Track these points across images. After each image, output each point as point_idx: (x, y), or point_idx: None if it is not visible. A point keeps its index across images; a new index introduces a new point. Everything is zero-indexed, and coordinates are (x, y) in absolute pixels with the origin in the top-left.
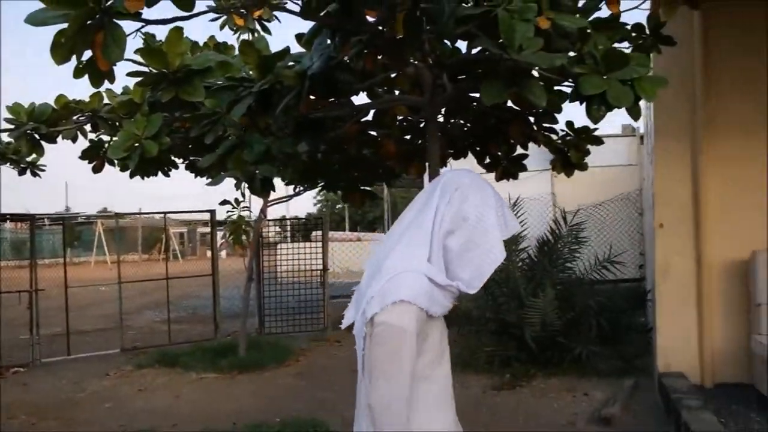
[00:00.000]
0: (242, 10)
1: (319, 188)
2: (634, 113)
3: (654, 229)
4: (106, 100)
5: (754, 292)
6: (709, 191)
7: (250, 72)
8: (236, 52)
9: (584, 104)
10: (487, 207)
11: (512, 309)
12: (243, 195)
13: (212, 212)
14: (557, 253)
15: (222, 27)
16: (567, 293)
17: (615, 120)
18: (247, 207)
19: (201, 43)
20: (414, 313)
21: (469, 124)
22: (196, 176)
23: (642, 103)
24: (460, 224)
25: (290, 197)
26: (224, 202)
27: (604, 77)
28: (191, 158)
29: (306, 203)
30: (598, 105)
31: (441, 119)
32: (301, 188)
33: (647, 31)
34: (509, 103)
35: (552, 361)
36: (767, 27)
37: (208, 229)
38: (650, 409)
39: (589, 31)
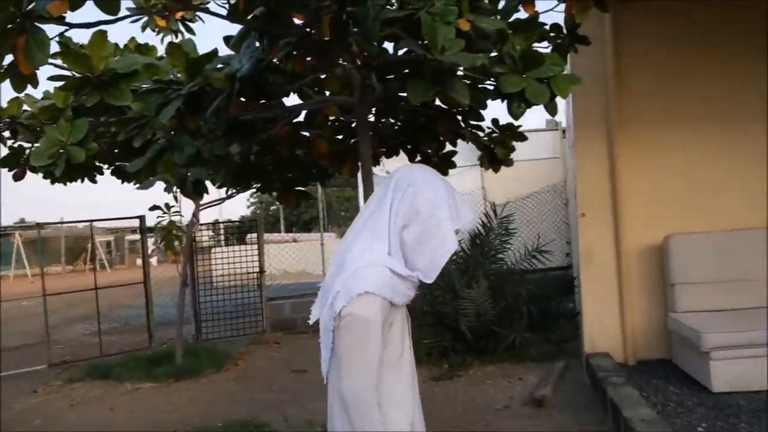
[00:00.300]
0: (165, 12)
1: (253, 190)
2: (551, 109)
3: (577, 218)
4: (25, 107)
5: (668, 274)
6: (625, 181)
7: (178, 74)
8: (159, 53)
9: (505, 102)
10: (440, 200)
11: (448, 301)
12: (176, 199)
13: (142, 218)
14: (489, 245)
15: (144, 29)
16: (499, 283)
17: (541, 116)
18: (178, 212)
19: (121, 45)
20: (378, 303)
21: (399, 123)
22: (123, 182)
23: (561, 99)
24: (413, 218)
25: (223, 200)
26: (154, 207)
27: (523, 76)
28: (117, 163)
29: (239, 206)
30: (518, 102)
31: (372, 119)
32: (234, 191)
33: (565, 31)
34: (438, 102)
35: (487, 350)
36: (672, 27)
37: (136, 237)
38: (579, 388)
39: (510, 32)
